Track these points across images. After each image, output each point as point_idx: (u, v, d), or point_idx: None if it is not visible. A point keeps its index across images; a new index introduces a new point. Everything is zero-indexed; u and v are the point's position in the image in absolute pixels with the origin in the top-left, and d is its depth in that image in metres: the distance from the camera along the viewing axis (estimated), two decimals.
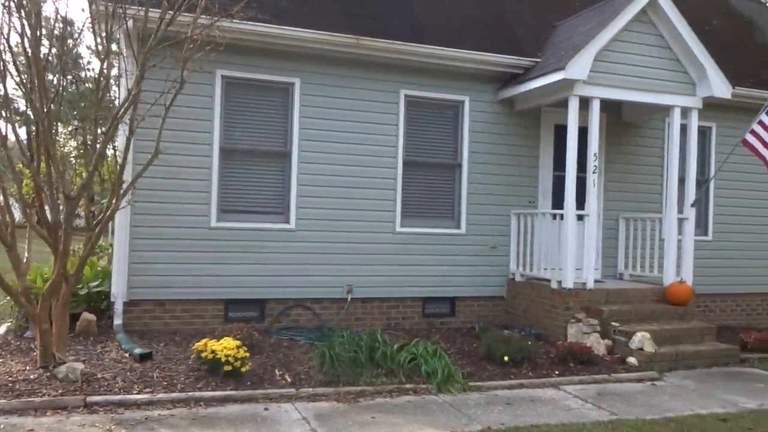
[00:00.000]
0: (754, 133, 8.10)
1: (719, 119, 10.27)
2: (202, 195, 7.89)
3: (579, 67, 7.83)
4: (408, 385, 6.11)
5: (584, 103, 8.25)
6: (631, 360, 7.33)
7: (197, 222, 7.86)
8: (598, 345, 7.57)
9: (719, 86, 8.57)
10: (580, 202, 8.33)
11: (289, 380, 6.04)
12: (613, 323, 7.81)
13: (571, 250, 8.11)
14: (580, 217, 8.30)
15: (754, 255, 10.61)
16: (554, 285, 8.27)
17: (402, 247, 8.73)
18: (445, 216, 9.09)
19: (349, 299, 8.44)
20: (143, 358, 6.32)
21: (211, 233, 7.92)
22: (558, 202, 8.90)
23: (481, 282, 9.12)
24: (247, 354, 6.02)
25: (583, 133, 8.27)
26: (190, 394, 5.51)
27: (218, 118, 7.95)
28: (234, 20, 6.93)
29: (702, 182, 9.84)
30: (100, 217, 6.26)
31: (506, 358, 6.86)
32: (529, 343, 7.23)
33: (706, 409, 5.88)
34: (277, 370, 6.27)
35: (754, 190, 10.56)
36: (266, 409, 5.39)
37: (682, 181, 8.91)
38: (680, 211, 8.84)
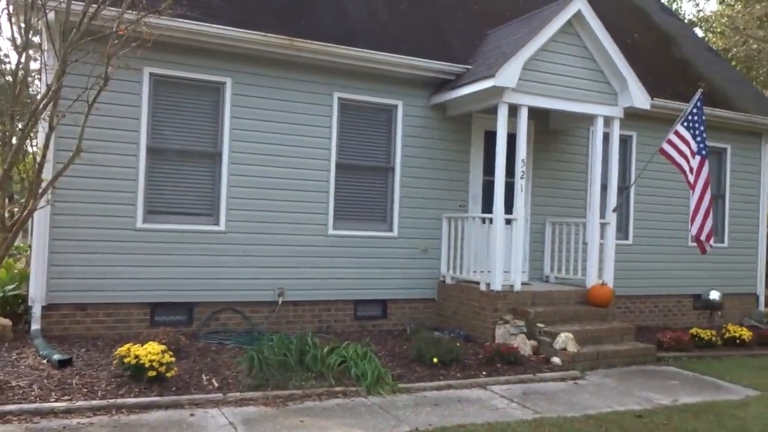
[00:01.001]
0: (670, 142, 8.53)
1: (640, 128, 10.75)
2: (127, 195, 7.65)
3: (508, 75, 8.04)
4: (338, 388, 6.11)
5: (513, 110, 8.48)
6: (556, 360, 7.57)
7: (122, 223, 7.62)
8: (524, 346, 7.78)
9: (639, 97, 8.97)
10: (509, 206, 8.55)
11: (216, 385, 5.93)
12: (539, 324, 8.05)
13: (499, 254, 8.31)
14: (508, 221, 8.52)
15: (670, 258, 11.15)
16: (483, 287, 8.45)
17: (334, 250, 8.72)
18: (377, 219, 9.14)
19: (280, 302, 8.36)
20: (62, 364, 6.07)
21: (137, 235, 7.69)
22: (488, 206, 9.11)
23: (412, 284, 9.21)
24: (173, 359, 5.88)
25: (512, 139, 8.50)
26: (111, 401, 5.33)
27: (146, 116, 7.73)
28: (162, 17, 6.75)
29: (623, 189, 10.27)
30: (17, 217, 5.96)
31: (435, 360, 6.96)
32: (458, 344, 7.36)
33: (624, 406, 6.14)
34: (204, 375, 6.14)
35: (671, 197, 11.10)
36: (192, 414, 5.28)
37: (604, 187, 9.27)
38: (603, 216, 9.20)
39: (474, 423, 5.38)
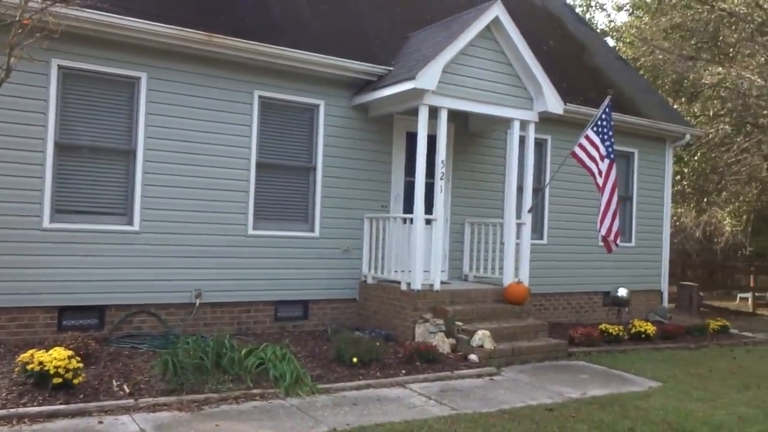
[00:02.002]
0: (581, 146, 8.90)
1: (554, 132, 11.16)
2: (33, 194, 7.27)
3: (428, 77, 8.17)
4: (255, 391, 6.02)
5: (434, 112, 8.62)
6: (473, 357, 7.75)
7: (27, 223, 7.23)
8: (443, 344, 7.93)
9: (553, 102, 9.32)
10: (430, 207, 8.69)
11: (128, 391, 5.73)
12: (457, 322, 8.22)
13: (419, 253, 8.43)
14: (428, 222, 8.66)
15: (582, 257, 11.64)
16: (404, 287, 8.55)
17: (254, 250, 8.60)
18: (299, 219, 9.08)
19: (197, 304, 8.16)
20: None
21: (44, 235, 7.32)
22: (409, 206, 9.21)
23: (334, 285, 9.21)
24: (81, 365, 5.63)
25: (432, 141, 8.65)
26: (12, 410, 5.05)
27: (54, 110, 7.37)
28: (70, 6, 6.46)
29: (538, 190, 10.63)
30: None
31: (355, 360, 6.98)
32: (378, 344, 7.40)
33: (536, 400, 6.36)
34: (114, 381, 5.92)
35: (584, 199, 11.58)
36: (101, 422, 5.08)
37: (520, 188, 9.56)
38: (519, 216, 9.50)
39: (392, 422, 5.43)
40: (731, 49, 20.11)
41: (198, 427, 5.09)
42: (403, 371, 7.10)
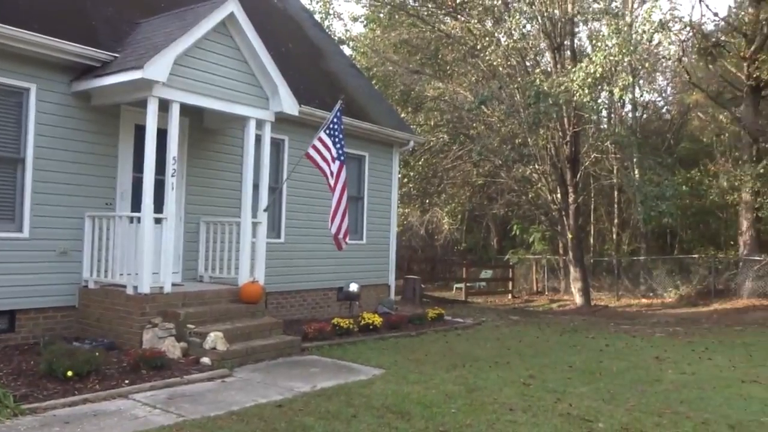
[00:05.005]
0: (315, 147, 9.21)
1: (291, 133, 11.38)
2: None
3: (158, 68, 7.74)
4: None
5: (165, 105, 8.19)
6: (205, 360, 7.53)
7: None
8: (173, 348, 7.58)
9: (289, 103, 9.50)
10: (161, 205, 8.24)
11: None
12: (189, 325, 7.92)
13: (148, 254, 7.95)
14: (158, 221, 8.21)
15: (317, 255, 12.05)
16: (130, 290, 7.99)
17: None
18: (4, 218, 7.94)
19: None
20: None
21: None
22: (138, 204, 8.60)
23: (48, 291, 8.24)
24: None
25: (164, 135, 8.21)
26: None
27: None
28: None
29: (276, 189, 10.75)
30: None
31: (71, 373, 6.32)
32: (98, 354, 6.79)
33: (267, 398, 6.40)
34: None
35: (320, 198, 11.97)
36: None
37: (257, 187, 9.57)
38: (255, 215, 9.49)
39: None
40: (448, 67, 22.61)
41: None
42: (127, 381, 6.61)
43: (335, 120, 9.27)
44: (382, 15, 23.47)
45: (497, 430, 5.63)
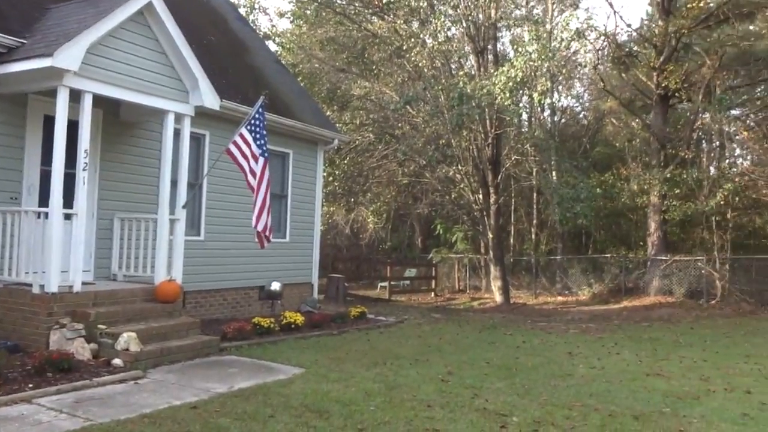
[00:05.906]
0: (235, 144, 9.01)
1: (213, 128, 11.11)
2: None
3: (69, 56, 7.38)
4: None
5: (76, 96, 7.82)
6: (117, 361, 7.25)
7: None
8: (82, 350, 7.26)
9: (210, 98, 9.27)
10: (71, 200, 7.86)
11: None
12: (101, 326, 7.60)
13: (56, 252, 7.57)
14: (68, 216, 7.83)
15: (238, 254, 11.83)
16: (36, 290, 7.59)
17: None
18: None
19: None
20: None
21: None
22: (46, 199, 8.17)
23: None
24: None
25: (75, 127, 7.84)
26: None
27: None
28: None
29: (195, 185, 10.46)
30: None
31: None
32: None
33: (182, 399, 6.22)
34: None
35: (241, 195, 11.72)
36: None
37: (175, 183, 9.29)
38: (173, 212, 9.22)
39: None
40: (375, 67, 22.71)
41: None
42: (31, 385, 6.27)
43: (257, 116, 9.11)
44: (308, 12, 23.34)
45: (415, 426, 5.69)
